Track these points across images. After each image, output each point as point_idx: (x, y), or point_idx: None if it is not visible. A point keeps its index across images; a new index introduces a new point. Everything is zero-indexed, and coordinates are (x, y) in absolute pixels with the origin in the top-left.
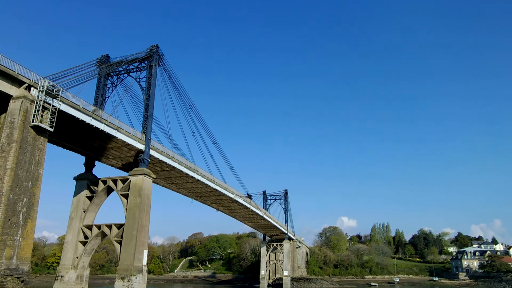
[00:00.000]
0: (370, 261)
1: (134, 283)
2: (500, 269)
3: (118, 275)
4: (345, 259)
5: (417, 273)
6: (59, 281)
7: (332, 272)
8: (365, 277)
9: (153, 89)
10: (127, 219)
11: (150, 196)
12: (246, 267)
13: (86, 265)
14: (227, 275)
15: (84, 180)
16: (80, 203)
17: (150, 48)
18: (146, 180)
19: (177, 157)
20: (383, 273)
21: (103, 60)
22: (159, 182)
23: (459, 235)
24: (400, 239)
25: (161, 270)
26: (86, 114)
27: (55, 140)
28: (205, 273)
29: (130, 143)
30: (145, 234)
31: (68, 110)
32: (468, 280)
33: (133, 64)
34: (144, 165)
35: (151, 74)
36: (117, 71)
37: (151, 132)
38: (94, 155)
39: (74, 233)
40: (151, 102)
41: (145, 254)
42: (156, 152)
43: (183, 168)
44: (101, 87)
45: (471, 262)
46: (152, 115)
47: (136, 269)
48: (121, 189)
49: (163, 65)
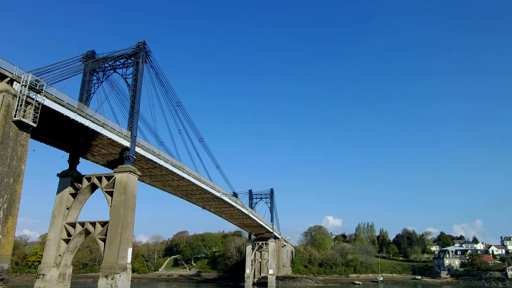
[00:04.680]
0: (354, 260)
1: (118, 281)
2: (480, 268)
3: (102, 273)
4: (330, 258)
5: (400, 272)
6: (41, 279)
7: (317, 271)
8: (349, 275)
9: (139, 86)
10: (112, 216)
11: (135, 193)
12: (232, 266)
13: (69, 263)
14: (212, 273)
15: (67, 177)
16: (64, 200)
17: (137, 45)
18: (131, 178)
19: (163, 155)
20: (367, 272)
21: (88, 55)
22: (145, 180)
23: (442, 234)
24: (384, 239)
25: (145, 269)
26: (70, 110)
27: (39, 136)
28: (190, 272)
29: (116, 140)
30: (129, 232)
31: (52, 106)
32: (450, 279)
33: (119, 61)
34: (130, 162)
35: (137, 70)
36: (103, 67)
37: (137, 129)
38: (78, 151)
39: (57, 230)
40: (137, 99)
41: (130, 252)
42: (142, 149)
43: (169, 166)
44: (87, 83)
45: (453, 261)
46: (138, 112)
47: (120, 267)
48: (106, 186)
49: (150, 62)
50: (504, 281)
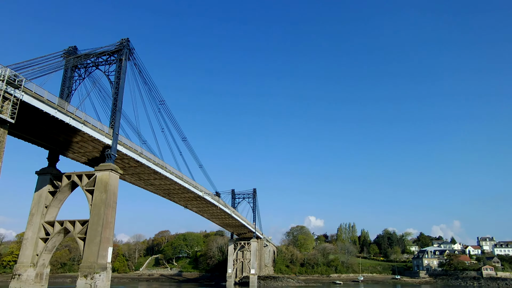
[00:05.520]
0: (336, 260)
1: (98, 281)
2: (457, 267)
3: (81, 273)
4: (311, 258)
5: (381, 272)
6: (16, 279)
7: (299, 270)
8: (330, 275)
9: (122, 83)
10: (92, 215)
11: (116, 192)
12: (213, 266)
13: (46, 263)
14: (194, 273)
15: (47, 174)
16: (42, 199)
17: (120, 42)
18: (112, 176)
19: (145, 153)
20: (348, 272)
21: (70, 51)
22: (126, 178)
23: (421, 235)
24: (365, 239)
25: (126, 268)
26: (50, 106)
27: (17, 132)
28: (172, 271)
29: (97, 137)
30: (110, 231)
31: (31, 102)
32: (428, 278)
33: (102, 57)
34: (111, 160)
35: (120, 68)
36: (85, 63)
37: (119, 127)
38: (58, 149)
39: (35, 229)
40: (120, 97)
41: (110, 251)
42: (124, 147)
43: (151, 165)
44: (68, 79)
45: (431, 261)
46: (120, 110)
47: (100, 266)
48: (86, 184)
49: (133, 59)
50: (479, 280)
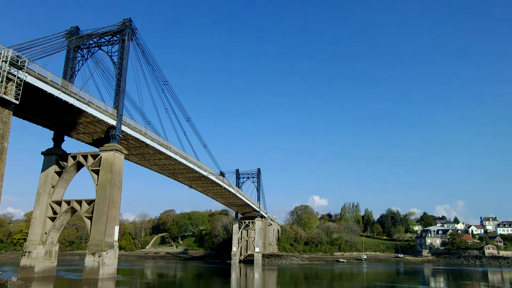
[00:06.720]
0: (339, 239)
1: (105, 258)
2: (459, 246)
3: (89, 251)
4: (315, 237)
5: (384, 250)
6: (27, 257)
7: (303, 249)
8: (334, 254)
9: (125, 63)
10: (98, 195)
11: (121, 172)
12: (218, 244)
13: (55, 241)
14: (199, 251)
15: (52, 155)
16: (49, 179)
17: (123, 22)
18: (117, 156)
19: (149, 134)
20: (351, 250)
21: (72, 32)
22: (131, 159)
23: (425, 214)
24: (369, 218)
25: (132, 247)
26: (54, 87)
27: (22, 113)
28: (177, 249)
29: (101, 118)
30: (116, 210)
31: (35, 83)
32: (431, 257)
33: (104, 38)
34: (116, 141)
35: (123, 48)
36: (88, 44)
37: (123, 107)
38: (63, 130)
39: (42, 208)
40: (123, 77)
41: (116, 230)
42: (128, 128)
43: (155, 145)
44: (70, 60)
45: (434, 240)
46: (124, 90)
47: (107, 244)
48: (92, 164)
49: (136, 39)
50: (481, 259)
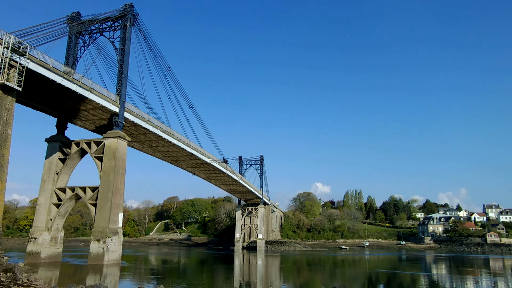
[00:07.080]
0: (342, 226)
1: (110, 244)
2: (461, 234)
3: (94, 237)
4: (318, 224)
5: (386, 238)
6: (33, 243)
7: (305, 236)
8: (336, 240)
9: (127, 49)
10: (102, 182)
11: (125, 159)
12: (222, 231)
13: (60, 227)
14: (203, 238)
15: (56, 142)
16: (53, 166)
17: (124, 7)
18: (120, 143)
19: (152, 120)
20: (354, 237)
21: (73, 17)
22: (134, 145)
23: (427, 202)
24: (372, 205)
25: (136, 233)
26: (57, 73)
27: (25, 100)
28: (181, 236)
29: (104, 105)
30: (120, 197)
31: (37, 69)
32: (433, 244)
33: (106, 23)
34: (119, 127)
35: (125, 34)
36: (89, 30)
37: (125, 94)
38: (66, 116)
39: (47, 195)
40: (125, 63)
41: (121, 216)
42: (131, 114)
43: (158, 132)
44: (72, 46)
45: (436, 227)
46: (126, 77)
47: (112, 231)
48: (95, 151)
49: (138, 25)
50: (483, 246)
